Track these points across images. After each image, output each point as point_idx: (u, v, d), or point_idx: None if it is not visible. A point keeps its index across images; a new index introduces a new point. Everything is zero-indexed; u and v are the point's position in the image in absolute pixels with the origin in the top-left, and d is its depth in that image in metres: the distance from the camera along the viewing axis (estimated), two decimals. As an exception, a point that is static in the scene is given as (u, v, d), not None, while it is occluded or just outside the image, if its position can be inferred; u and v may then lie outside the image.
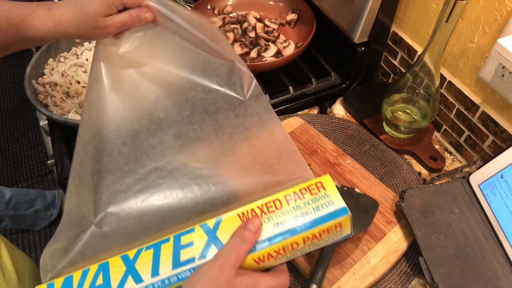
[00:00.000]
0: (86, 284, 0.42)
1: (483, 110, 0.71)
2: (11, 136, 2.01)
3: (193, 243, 0.43)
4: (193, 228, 0.44)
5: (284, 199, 0.44)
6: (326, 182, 0.45)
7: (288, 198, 0.44)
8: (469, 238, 0.62)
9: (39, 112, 0.74)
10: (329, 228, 0.43)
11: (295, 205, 0.44)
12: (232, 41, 0.93)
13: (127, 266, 0.42)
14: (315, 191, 0.44)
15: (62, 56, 0.87)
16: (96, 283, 0.42)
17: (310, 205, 0.44)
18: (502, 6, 0.62)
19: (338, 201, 0.44)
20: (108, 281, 0.42)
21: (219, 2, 1.01)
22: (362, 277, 0.60)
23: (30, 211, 1.57)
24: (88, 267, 0.43)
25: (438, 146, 0.82)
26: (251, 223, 0.42)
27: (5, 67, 2.34)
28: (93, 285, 0.42)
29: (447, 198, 0.67)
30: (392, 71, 0.90)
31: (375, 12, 0.77)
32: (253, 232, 0.41)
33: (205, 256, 0.42)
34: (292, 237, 0.42)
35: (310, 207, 0.43)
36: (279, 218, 0.43)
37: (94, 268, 0.43)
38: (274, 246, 0.42)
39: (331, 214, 0.43)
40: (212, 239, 0.42)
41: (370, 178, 0.72)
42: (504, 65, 0.62)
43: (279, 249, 0.42)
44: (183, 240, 0.43)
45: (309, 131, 0.79)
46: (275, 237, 0.42)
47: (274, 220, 0.43)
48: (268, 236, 0.42)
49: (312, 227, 0.42)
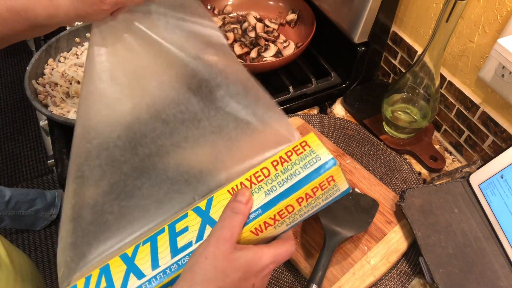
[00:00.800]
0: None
1: (483, 110, 0.71)
2: (11, 136, 2.01)
3: (188, 227, 0.42)
4: (186, 214, 0.43)
5: (271, 166, 0.43)
6: (310, 140, 0.44)
7: (275, 164, 0.43)
8: (469, 238, 0.62)
9: (39, 112, 0.74)
10: (321, 183, 0.41)
11: (283, 169, 0.42)
12: (232, 41, 0.93)
13: (127, 264, 0.42)
14: (300, 150, 0.43)
15: (62, 56, 0.87)
16: (100, 287, 0.42)
17: (298, 165, 0.42)
18: (502, 6, 0.62)
19: (325, 154, 0.42)
20: (111, 283, 0.41)
21: (219, 2, 1.01)
22: (362, 277, 0.60)
23: (30, 211, 1.57)
24: (90, 273, 0.43)
25: (438, 146, 0.82)
26: (240, 195, 0.41)
27: (5, 67, 2.34)
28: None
29: (447, 198, 0.67)
30: (392, 71, 0.90)
31: (375, 12, 0.77)
32: (244, 203, 0.40)
33: (201, 237, 0.41)
34: (284, 200, 0.41)
35: (298, 167, 0.42)
36: (269, 185, 0.42)
37: (96, 273, 0.43)
38: (268, 213, 0.41)
39: (318, 168, 0.41)
40: (206, 220, 0.42)
41: (370, 178, 0.72)
42: (504, 65, 0.62)
43: (274, 215, 0.41)
44: (177, 227, 0.42)
45: (309, 131, 0.79)
46: (267, 204, 0.41)
47: (264, 188, 0.42)
48: (261, 205, 0.41)
49: (302, 186, 0.41)
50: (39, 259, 1.61)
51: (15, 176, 1.87)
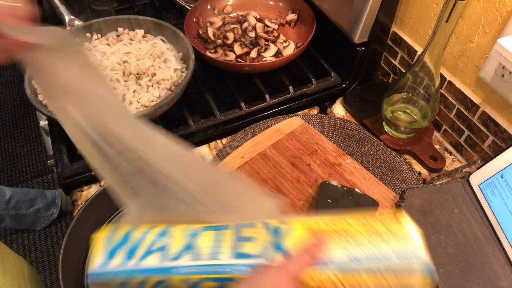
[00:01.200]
0: (145, 244, 0.42)
1: (483, 110, 0.71)
2: (11, 136, 2.01)
3: (254, 239, 0.41)
4: (254, 224, 0.42)
5: (359, 227, 0.41)
6: (404, 219, 0.41)
7: (363, 228, 0.40)
8: (469, 238, 0.62)
9: (39, 112, 0.74)
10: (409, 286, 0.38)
11: (371, 240, 0.39)
12: (232, 41, 0.93)
13: (188, 240, 0.42)
14: (395, 229, 0.40)
15: (62, 56, 0.87)
16: (154, 246, 0.41)
17: (390, 247, 0.39)
18: (502, 6, 0.62)
19: (424, 255, 0.38)
20: (166, 248, 0.41)
21: (219, 2, 1.01)
22: (362, 277, 0.60)
23: (30, 210, 1.57)
24: (150, 227, 0.43)
25: (438, 146, 0.82)
26: (323, 247, 0.39)
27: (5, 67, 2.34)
28: (151, 248, 0.41)
29: (447, 198, 0.67)
30: (392, 71, 0.90)
31: (375, 12, 0.77)
32: (323, 257, 0.39)
33: (265, 257, 0.40)
34: (363, 275, 0.38)
35: (390, 251, 0.39)
36: (354, 250, 0.39)
37: (156, 230, 0.42)
38: (340, 274, 0.39)
39: (416, 269, 0.38)
40: (276, 243, 0.41)
41: (370, 178, 0.72)
42: (504, 65, 0.62)
43: (342, 282, 0.39)
44: (244, 231, 0.42)
45: (309, 131, 0.79)
46: (343, 267, 0.39)
47: (349, 250, 0.39)
48: (336, 262, 0.39)
49: (392, 277, 0.38)
50: (39, 259, 1.61)
51: (15, 176, 1.87)
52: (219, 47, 0.93)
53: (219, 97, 0.88)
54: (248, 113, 0.83)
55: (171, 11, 1.09)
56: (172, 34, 0.88)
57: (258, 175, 0.72)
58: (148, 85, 0.81)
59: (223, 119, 0.82)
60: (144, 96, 0.79)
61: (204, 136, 0.81)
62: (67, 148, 0.77)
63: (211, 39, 0.93)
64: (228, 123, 0.82)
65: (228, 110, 0.83)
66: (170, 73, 0.83)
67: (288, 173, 0.72)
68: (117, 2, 1.13)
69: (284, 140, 0.77)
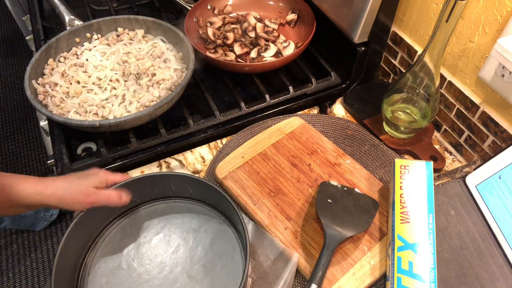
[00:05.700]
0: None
1: (483, 110, 0.71)
2: (11, 136, 2.01)
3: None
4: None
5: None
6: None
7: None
8: (466, 240, 0.62)
9: (39, 112, 0.74)
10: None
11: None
12: (232, 41, 0.93)
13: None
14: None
15: (62, 56, 0.87)
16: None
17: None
18: (502, 6, 0.62)
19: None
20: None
21: (219, 2, 1.01)
22: (362, 277, 0.60)
23: (30, 211, 1.56)
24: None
25: (438, 146, 0.82)
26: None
27: (5, 67, 2.34)
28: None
29: (443, 200, 0.67)
30: (392, 71, 0.90)
31: (375, 12, 0.77)
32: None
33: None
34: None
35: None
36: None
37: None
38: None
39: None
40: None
41: (370, 178, 0.72)
42: (504, 65, 0.62)
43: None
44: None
45: (309, 131, 0.79)
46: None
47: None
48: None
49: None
50: (39, 259, 1.61)
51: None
52: (219, 47, 0.93)
53: (219, 97, 0.88)
54: (248, 113, 0.83)
55: (171, 11, 1.09)
56: (172, 34, 0.88)
57: (258, 175, 0.72)
58: (148, 85, 0.81)
59: (223, 119, 0.82)
60: (144, 96, 0.79)
61: (204, 136, 0.81)
62: (67, 148, 0.77)
63: (211, 39, 0.94)
64: (228, 123, 0.82)
65: (228, 110, 0.83)
66: (170, 73, 0.84)
67: (288, 173, 0.72)
68: (117, 2, 1.13)
69: (284, 140, 0.77)
